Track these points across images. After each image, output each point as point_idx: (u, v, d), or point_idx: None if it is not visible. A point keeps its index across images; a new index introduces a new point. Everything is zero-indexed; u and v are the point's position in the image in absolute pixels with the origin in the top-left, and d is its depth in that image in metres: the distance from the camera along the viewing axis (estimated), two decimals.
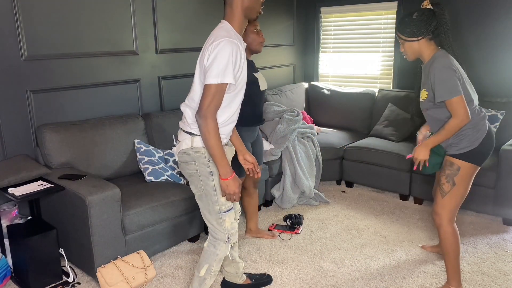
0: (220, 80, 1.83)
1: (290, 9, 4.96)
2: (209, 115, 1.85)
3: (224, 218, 2.07)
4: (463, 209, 3.57)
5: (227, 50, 1.83)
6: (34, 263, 2.47)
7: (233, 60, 1.85)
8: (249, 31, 2.65)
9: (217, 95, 1.85)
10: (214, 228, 2.10)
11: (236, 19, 1.95)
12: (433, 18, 2.19)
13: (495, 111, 3.66)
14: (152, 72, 3.59)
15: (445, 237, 2.35)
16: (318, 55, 5.25)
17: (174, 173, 3.16)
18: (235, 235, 2.14)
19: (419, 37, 2.23)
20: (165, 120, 3.40)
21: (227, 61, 1.83)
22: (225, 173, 1.94)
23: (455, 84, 2.14)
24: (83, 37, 3.08)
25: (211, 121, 1.85)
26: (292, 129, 3.74)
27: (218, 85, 1.84)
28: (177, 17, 3.68)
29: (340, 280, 2.61)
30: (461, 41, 4.08)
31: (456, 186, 2.28)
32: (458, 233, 2.35)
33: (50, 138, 2.81)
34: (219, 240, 2.11)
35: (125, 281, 2.43)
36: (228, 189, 1.97)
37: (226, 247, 2.12)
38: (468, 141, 2.24)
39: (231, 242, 2.13)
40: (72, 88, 3.08)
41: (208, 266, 2.13)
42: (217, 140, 1.88)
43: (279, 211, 3.64)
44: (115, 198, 2.49)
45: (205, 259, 2.14)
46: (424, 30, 2.21)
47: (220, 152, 1.91)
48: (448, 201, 2.31)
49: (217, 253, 2.12)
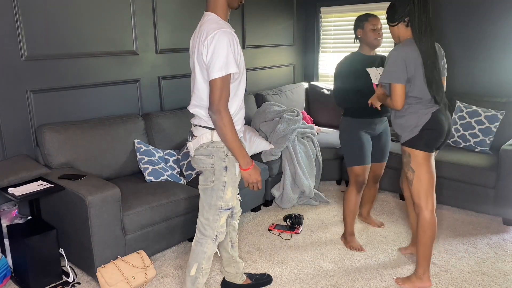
0: (225, 72, 1.84)
1: (290, 9, 4.96)
2: (222, 109, 1.87)
3: (222, 216, 2.09)
4: (463, 209, 3.57)
5: (224, 41, 1.84)
6: (34, 263, 2.47)
7: (232, 49, 1.85)
8: (368, 30, 2.79)
9: (225, 88, 1.87)
10: (206, 224, 2.10)
11: (219, 8, 1.97)
12: (407, 7, 2.29)
13: (495, 111, 3.66)
14: (152, 72, 3.59)
15: (422, 224, 2.42)
16: (318, 55, 5.25)
17: (174, 173, 3.16)
18: (223, 234, 2.16)
19: (395, 22, 2.36)
20: (165, 120, 3.40)
21: (227, 52, 1.84)
22: (245, 163, 1.98)
23: (395, 71, 2.27)
24: (83, 37, 3.08)
25: (225, 114, 1.88)
26: (292, 129, 3.74)
27: (223, 78, 1.85)
28: (177, 17, 3.68)
29: (340, 280, 2.61)
30: (461, 40, 4.08)
31: (416, 172, 2.39)
32: (436, 223, 2.42)
33: (50, 138, 2.81)
34: (207, 237, 2.12)
35: (125, 281, 2.43)
36: (251, 178, 2.02)
37: (213, 245, 2.14)
38: (409, 130, 2.38)
39: (218, 241, 2.14)
40: (72, 88, 3.08)
41: (197, 265, 2.14)
42: (234, 132, 1.92)
43: (279, 211, 3.64)
44: (115, 198, 2.49)
45: (193, 259, 2.15)
46: (398, 16, 2.33)
47: (238, 143, 1.94)
48: (417, 188, 2.41)
49: (205, 251, 2.13)
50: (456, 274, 2.66)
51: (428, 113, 2.34)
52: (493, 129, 3.62)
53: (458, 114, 3.81)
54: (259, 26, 4.54)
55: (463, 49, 4.09)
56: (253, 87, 4.59)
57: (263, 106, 4.12)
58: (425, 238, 2.43)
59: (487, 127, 3.64)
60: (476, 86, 4.08)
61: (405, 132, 2.40)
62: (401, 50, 2.29)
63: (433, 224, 2.41)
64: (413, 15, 2.26)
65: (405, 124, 2.39)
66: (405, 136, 2.40)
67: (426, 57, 2.26)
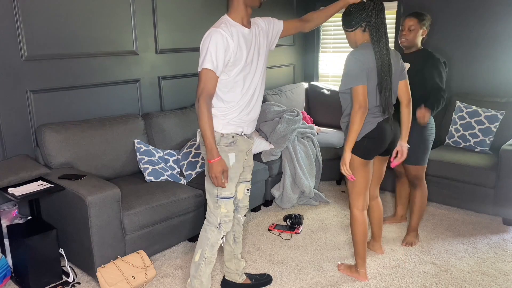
0: (202, 67, 2.00)
1: (290, 9, 4.96)
2: (201, 99, 2.00)
3: (220, 204, 2.17)
4: (463, 209, 3.57)
5: (207, 40, 1.99)
6: (34, 263, 2.47)
7: (215, 48, 1.97)
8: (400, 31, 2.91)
9: (207, 81, 2.01)
10: (209, 211, 2.22)
11: (232, 10, 2.10)
12: (364, 12, 2.30)
13: (495, 111, 3.66)
14: (152, 72, 3.59)
15: (352, 222, 2.54)
16: (318, 55, 5.25)
17: (174, 173, 3.16)
18: (228, 224, 2.22)
19: (352, 28, 2.36)
20: (165, 120, 3.40)
21: (207, 49, 1.98)
22: (211, 155, 2.04)
23: (358, 74, 2.27)
24: (83, 37, 3.08)
25: (203, 104, 2.00)
26: (292, 129, 3.74)
27: (202, 72, 2.01)
28: (177, 17, 3.68)
29: (340, 280, 2.61)
30: (461, 40, 4.08)
31: (352, 174, 2.44)
32: (366, 221, 2.53)
33: (50, 138, 2.81)
34: (211, 224, 2.21)
35: (125, 281, 2.43)
36: (212, 171, 2.06)
37: (217, 233, 2.21)
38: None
39: (223, 230, 2.21)
40: (72, 88, 3.08)
41: (201, 251, 2.22)
42: (206, 122, 2.01)
43: (279, 211, 3.64)
44: (115, 198, 2.50)
45: (198, 245, 2.25)
46: (355, 22, 2.34)
47: (208, 134, 2.02)
48: (350, 188, 2.50)
49: (208, 237, 2.21)
50: (456, 274, 2.66)
51: (374, 122, 2.36)
52: (493, 129, 3.62)
53: (458, 114, 3.81)
54: None
55: (463, 49, 4.09)
56: None
57: (263, 106, 4.12)
58: (356, 235, 2.54)
59: (487, 127, 3.64)
60: (476, 86, 4.08)
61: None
62: (358, 53, 2.31)
63: (363, 221, 2.51)
64: (370, 20, 2.29)
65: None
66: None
67: (380, 62, 2.29)
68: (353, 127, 2.28)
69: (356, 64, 2.28)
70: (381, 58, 2.29)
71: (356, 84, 2.25)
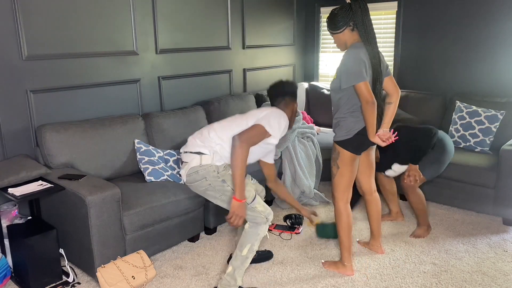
0: (268, 128, 2.35)
1: (290, 9, 4.96)
2: (244, 145, 2.24)
3: (255, 206, 2.34)
4: (463, 209, 3.57)
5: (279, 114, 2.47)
6: (34, 263, 2.47)
7: (282, 125, 2.43)
8: None
9: (259, 136, 2.33)
10: (251, 217, 2.35)
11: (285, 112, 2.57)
12: (350, 12, 2.35)
13: (495, 111, 3.66)
14: (152, 72, 3.59)
15: (337, 215, 2.60)
16: (318, 55, 5.25)
17: (174, 173, 3.16)
18: (271, 213, 2.39)
19: (341, 29, 2.39)
20: (165, 120, 3.40)
21: (279, 122, 2.42)
22: (242, 195, 2.25)
23: (359, 70, 2.30)
24: (83, 37, 3.08)
25: (246, 149, 2.25)
26: (292, 129, 3.74)
27: (263, 128, 2.34)
28: (177, 17, 3.68)
29: (340, 280, 2.61)
30: (461, 40, 4.08)
31: (340, 168, 2.53)
32: (350, 213, 2.60)
33: (50, 138, 2.81)
34: (260, 223, 2.36)
35: (125, 281, 2.43)
36: (238, 211, 2.25)
37: (266, 227, 2.38)
38: (345, 131, 2.45)
39: (270, 221, 2.39)
40: (72, 88, 3.08)
41: (250, 246, 2.36)
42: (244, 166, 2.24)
43: (279, 211, 3.64)
44: (115, 198, 2.49)
45: (247, 240, 2.36)
46: (343, 22, 2.38)
47: (243, 175, 2.24)
48: (337, 182, 2.57)
49: (258, 233, 2.36)
50: (456, 274, 2.66)
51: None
52: (493, 129, 3.62)
53: (458, 114, 3.81)
54: (259, 26, 4.55)
55: (463, 49, 4.09)
56: (253, 87, 4.59)
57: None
58: (341, 227, 2.60)
59: (487, 127, 3.64)
60: (476, 86, 4.08)
61: (341, 132, 2.48)
62: (355, 51, 2.34)
63: (348, 214, 2.59)
64: (357, 19, 2.33)
65: (343, 125, 2.47)
66: (340, 136, 2.49)
67: (373, 58, 2.34)
68: (368, 120, 2.34)
69: (356, 61, 2.31)
70: (373, 55, 2.34)
71: (358, 81, 2.30)
